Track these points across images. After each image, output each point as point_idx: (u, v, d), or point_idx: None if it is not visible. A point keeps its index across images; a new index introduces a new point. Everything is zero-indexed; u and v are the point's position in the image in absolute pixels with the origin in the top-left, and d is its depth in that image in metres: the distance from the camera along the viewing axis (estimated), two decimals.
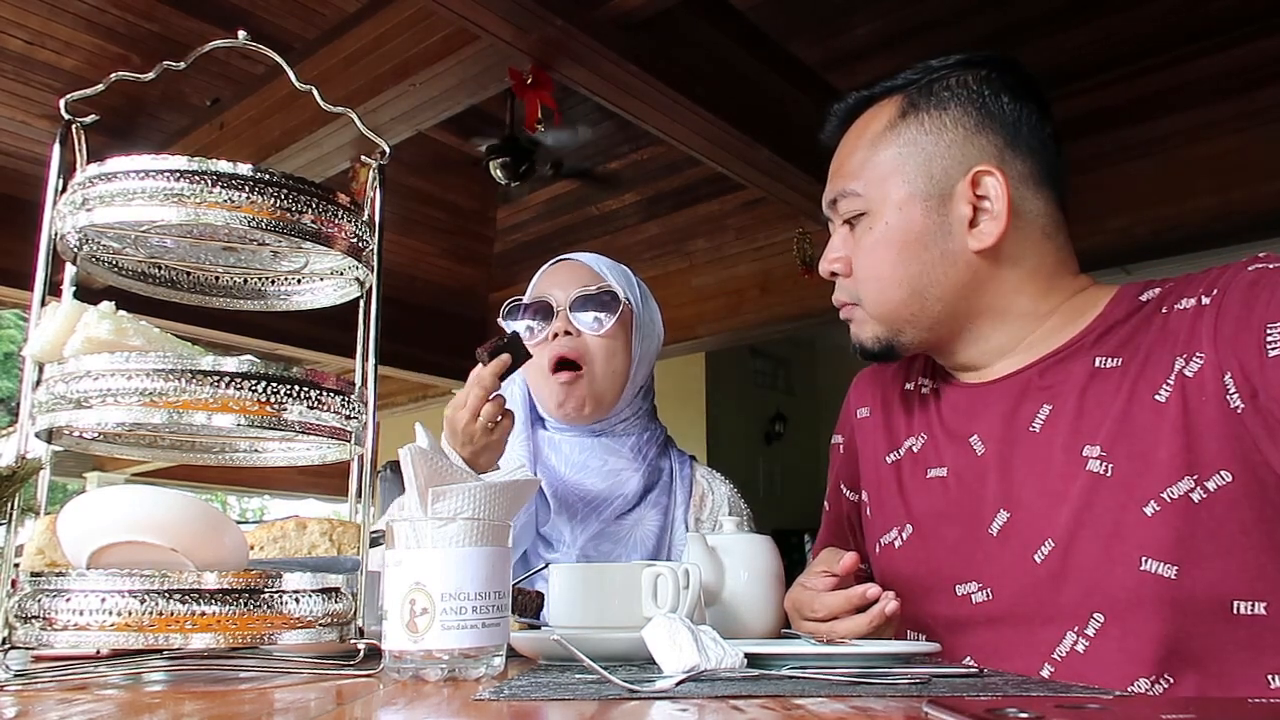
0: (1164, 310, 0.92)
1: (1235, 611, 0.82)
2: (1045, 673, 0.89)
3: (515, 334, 1.24)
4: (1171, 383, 0.87)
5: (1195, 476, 0.84)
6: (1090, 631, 0.87)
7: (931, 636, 1.00)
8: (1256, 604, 0.82)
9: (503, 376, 1.20)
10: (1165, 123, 3.72)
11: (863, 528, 1.17)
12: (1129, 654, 0.85)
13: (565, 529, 1.34)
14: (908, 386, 1.13)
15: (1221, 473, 0.83)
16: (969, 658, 0.95)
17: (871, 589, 0.92)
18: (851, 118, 1.07)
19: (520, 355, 1.22)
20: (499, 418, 1.21)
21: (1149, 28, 3.49)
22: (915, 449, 1.07)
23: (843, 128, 1.08)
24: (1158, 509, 0.84)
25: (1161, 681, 0.84)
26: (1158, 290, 0.95)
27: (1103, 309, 0.96)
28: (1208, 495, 0.83)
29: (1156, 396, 0.87)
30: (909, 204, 0.98)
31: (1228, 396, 0.83)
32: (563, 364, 1.36)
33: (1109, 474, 0.88)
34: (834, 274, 1.06)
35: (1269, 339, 0.81)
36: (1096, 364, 0.93)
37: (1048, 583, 0.89)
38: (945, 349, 1.03)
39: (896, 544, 1.05)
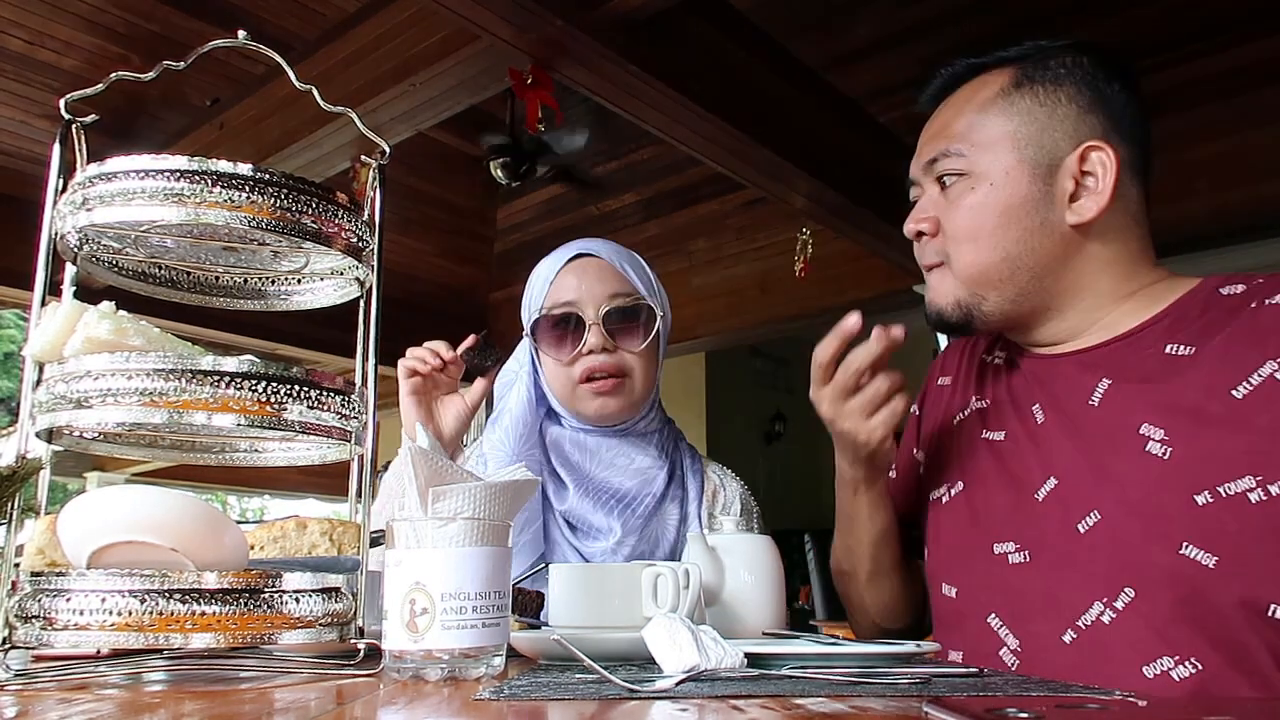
0: (1253, 305, 0.91)
1: (1271, 614, 0.82)
2: (1067, 638, 0.90)
3: (496, 352, 1.34)
4: (1255, 380, 0.87)
5: (1260, 478, 0.83)
6: (1119, 604, 0.87)
7: (962, 591, 1.02)
8: (1254, 698, 0.80)
9: (470, 360, 1.32)
10: (1165, 123, 3.70)
11: (919, 488, 1.18)
12: (1155, 631, 0.85)
13: (604, 526, 1.32)
14: (985, 357, 1.16)
15: None
16: (993, 614, 0.96)
17: (850, 316, 0.98)
18: (957, 84, 1.08)
19: (486, 356, 1.33)
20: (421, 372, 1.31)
21: (1149, 28, 3.49)
22: (976, 409, 1.10)
23: (945, 93, 1.09)
24: (1210, 500, 0.84)
25: (1187, 664, 0.84)
26: (1241, 286, 0.95)
27: (1179, 297, 0.97)
28: (1268, 499, 0.83)
29: (1234, 391, 0.87)
30: (1017, 170, 0.99)
31: None
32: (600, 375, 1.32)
33: (1167, 456, 0.88)
34: (920, 234, 1.06)
35: None
36: (1167, 350, 0.94)
37: (1086, 552, 0.91)
38: (1022, 326, 1.04)
39: (944, 499, 1.08)
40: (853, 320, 0.98)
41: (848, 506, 1.11)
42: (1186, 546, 0.84)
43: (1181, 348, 0.93)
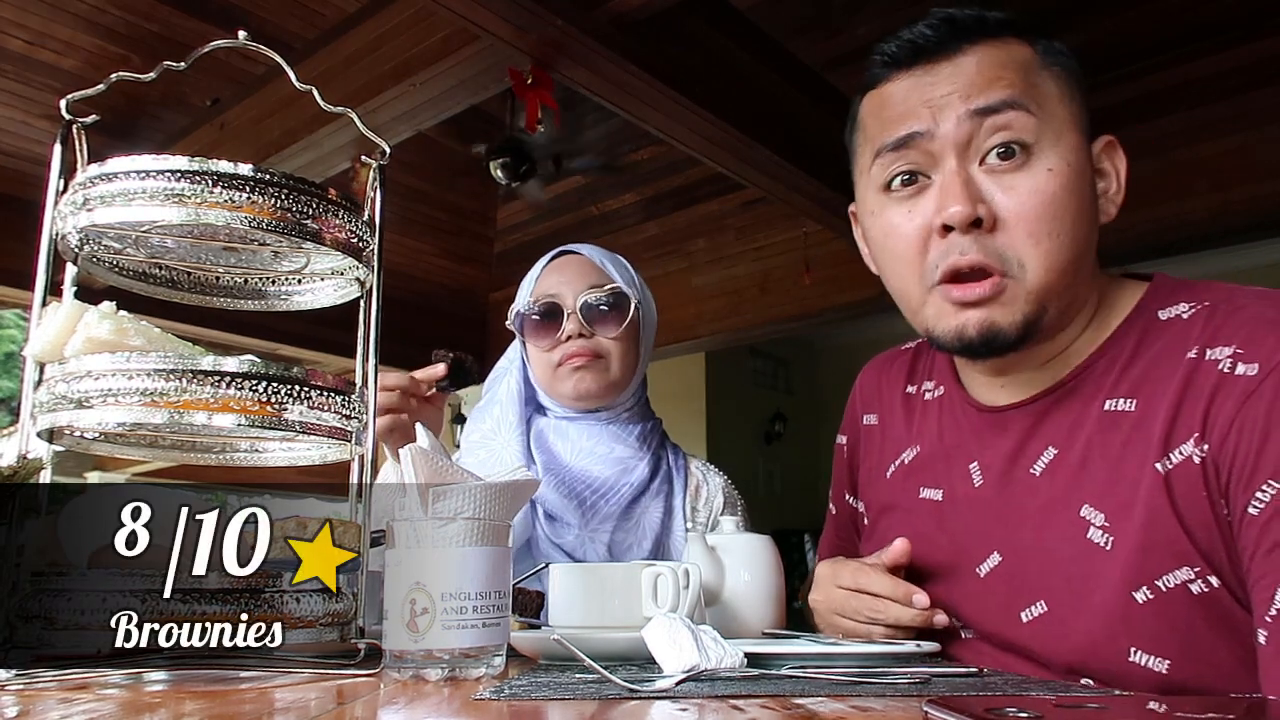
0: (1193, 354, 0.80)
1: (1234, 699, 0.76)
2: None
3: (471, 360, 1.34)
4: (1176, 457, 0.78)
5: (1197, 569, 0.76)
6: (1086, 683, 0.82)
7: None
8: (1255, 695, 0.75)
9: (443, 388, 1.34)
10: (1165, 123, 3.72)
11: (859, 537, 1.14)
12: None
13: (574, 515, 1.35)
14: (909, 389, 1.07)
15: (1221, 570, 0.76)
16: None
17: (923, 596, 0.88)
18: (968, 35, 0.86)
19: (462, 380, 1.34)
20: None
21: (1149, 28, 3.49)
22: (908, 461, 1.02)
23: (947, 46, 0.86)
24: (1150, 597, 0.77)
25: None
26: (1184, 308, 0.84)
27: (1118, 325, 0.88)
28: (1209, 590, 0.75)
29: (1158, 465, 0.78)
30: (1082, 152, 0.83)
31: (1221, 500, 0.76)
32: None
33: (1109, 548, 0.80)
34: (975, 224, 0.82)
35: (1259, 495, 0.73)
36: (1107, 406, 0.84)
37: (1034, 644, 0.84)
38: (1038, 339, 0.88)
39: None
40: (920, 602, 0.88)
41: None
42: (1136, 653, 0.77)
43: (1122, 402, 0.83)
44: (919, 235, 0.85)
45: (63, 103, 0.80)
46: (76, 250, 0.82)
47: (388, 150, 0.90)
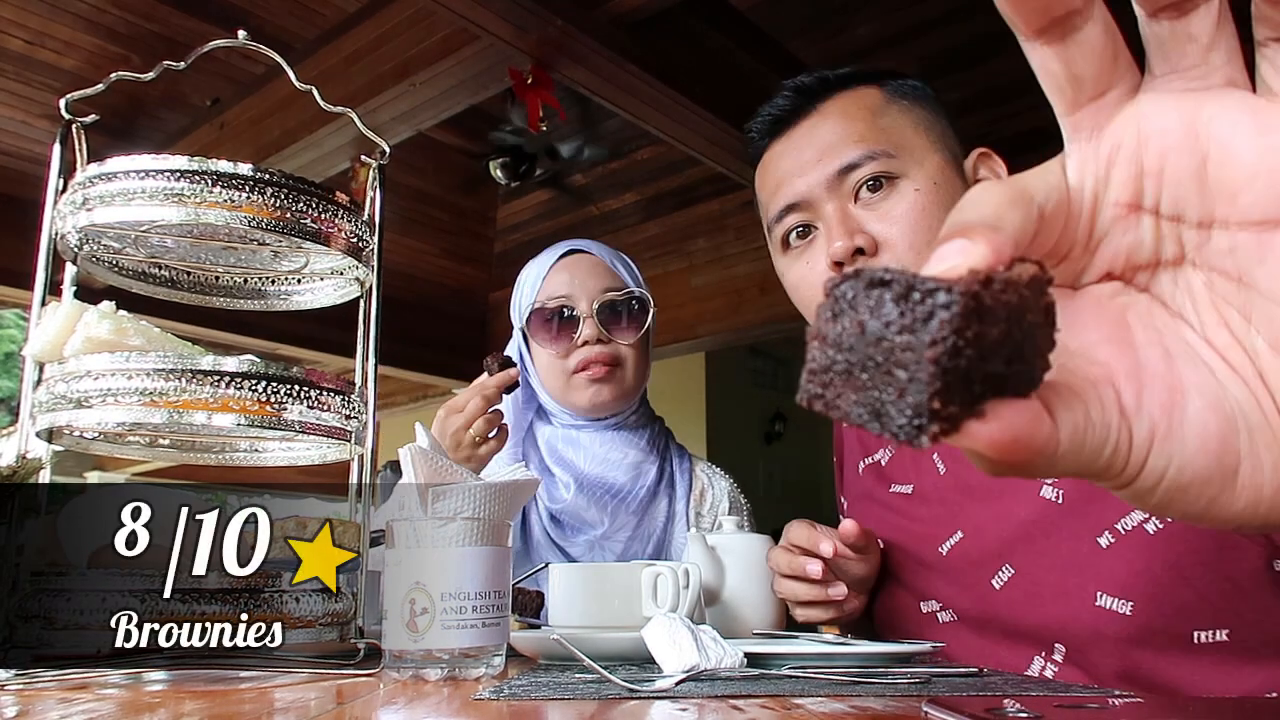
0: None
1: (1196, 641, 0.79)
2: None
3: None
4: None
5: None
6: (1057, 658, 0.85)
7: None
8: (1218, 631, 0.79)
9: (507, 391, 1.22)
10: None
11: None
12: (1097, 683, 0.83)
13: (601, 523, 1.34)
14: None
15: None
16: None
17: (816, 565, 0.93)
18: (813, 101, 0.99)
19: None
20: (491, 435, 1.19)
21: None
22: (883, 462, 1.07)
23: (801, 113, 0.99)
24: (1112, 540, 0.81)
25: None
26: None
27: None
28: (1164, 525, 0.79)
29: None
30: (948, 168, 0.92)
31: None
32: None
33: (1060, 500, 0.84)
34: (858, 252, 0.91)
35: None
36: None
37: (1007, 609, 0.88)
38: None
39: None
40: (814, 571, 0.94)
41: None
42: (1101, 597, 0.81)
43: None
44: (821, 280, 0.93)
45: (62, 103, 0.80)
46: (76, 250, 0.82)
47: (388, 150, 0.90)
